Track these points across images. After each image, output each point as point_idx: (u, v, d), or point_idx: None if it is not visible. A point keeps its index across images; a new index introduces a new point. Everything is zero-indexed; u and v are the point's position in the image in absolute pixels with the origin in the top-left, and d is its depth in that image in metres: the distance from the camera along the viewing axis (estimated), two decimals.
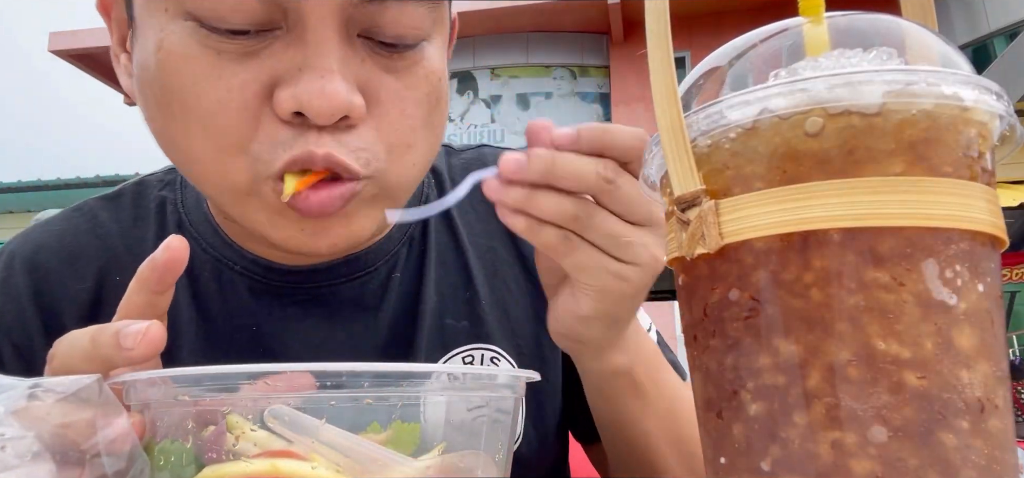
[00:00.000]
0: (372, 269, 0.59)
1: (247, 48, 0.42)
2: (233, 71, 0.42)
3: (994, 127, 0.28)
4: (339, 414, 0.35)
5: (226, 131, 0.43)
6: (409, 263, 0.61)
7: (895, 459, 0.25)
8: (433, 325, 0.59)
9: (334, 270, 0.57)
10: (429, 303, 0.59)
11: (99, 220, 0.57)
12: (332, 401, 0.35)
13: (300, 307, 0.56)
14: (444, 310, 0.60)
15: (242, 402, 0.35)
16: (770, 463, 0.27)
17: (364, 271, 0.58)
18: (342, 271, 0.57)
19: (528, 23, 8.05)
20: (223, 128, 0.43)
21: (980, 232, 0.27)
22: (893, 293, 0.25)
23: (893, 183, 0.25)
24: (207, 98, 0.42)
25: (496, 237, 0.64)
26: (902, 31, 0.30)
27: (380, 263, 0.59)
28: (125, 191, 0.59)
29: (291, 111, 0.42)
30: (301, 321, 0.56)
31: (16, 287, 0.54)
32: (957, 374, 0.25)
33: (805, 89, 0.26)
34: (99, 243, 0.56)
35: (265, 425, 0.35)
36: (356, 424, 0.35)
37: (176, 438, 0.35)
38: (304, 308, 0.56)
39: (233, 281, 0.55)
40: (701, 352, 0.30)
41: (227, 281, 0.55)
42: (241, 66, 0.42)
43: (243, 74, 0.42)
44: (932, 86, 0.26)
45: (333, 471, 0.34)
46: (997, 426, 0.26)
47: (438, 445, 0.37)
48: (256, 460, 0.34)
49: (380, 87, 0.46)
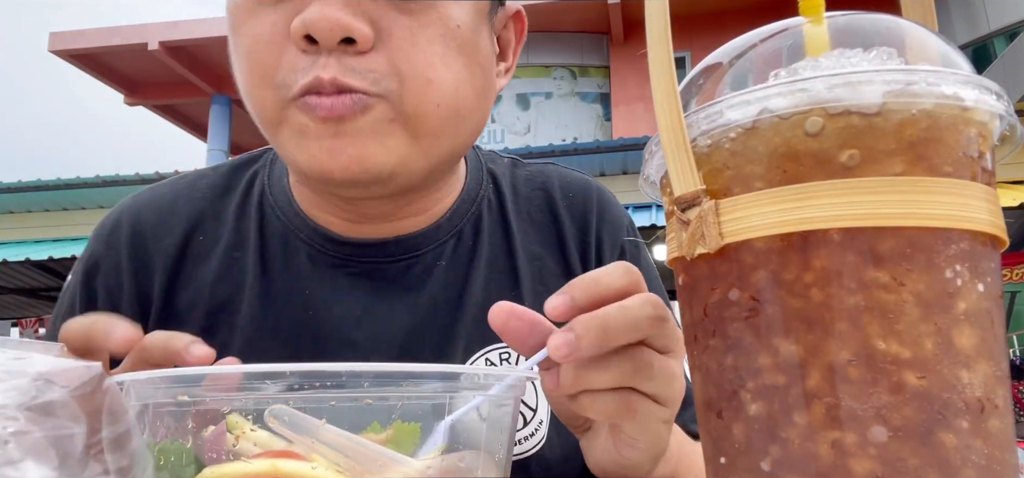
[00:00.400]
0: (419, 253, 0.62)
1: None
2: (266, 12, 0.50)
3: (994, 127, 0.28)
4: (339, 414, 0.35)
5: (259, 64, 0.50)
6: (457, 256, 0.64)
7: (895, 459, 0.25)
8: (476, 317, 0.61)
9: (384, 247, 0.61)
10: (475, 297, 0.62)
11: (196, 185, 0.65)
12: (332, 401, 0.35)
13: (349, 279, 0.61)
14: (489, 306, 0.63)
15: (241, 401, 0.35)
16: (770, 463, 0.27)
17: (409, 254, 0.62)
18: (391, 250, 0.61)
19: (528, 23, 8.03)
20: (257, 61, 0.50)
21: (980, 232, 0.27)
22: (893, 293, 0.25)
23: (893, 183, 0.25)
24: (248, 37, 0.51)
25: (546, 247, 0.67)
26: (902, 31, 0.30)
27: (428, 249, 0.62)
28: (224, 165, 0.67)
29: (301, 35, 0.48)
30: (348, 292, 0.60)
31: (118, 238, 0.63)
32: (957, 374, 0.25)
33: (805, 89, 0.26)
34: (191, 204, 0.64)
35: (265, 425, 0.35)
36: (357, 424, 0.35)
37: (176, 438, 0.35)
38: (352, 280, 0.61)
39: (297, 248, 0.61)
40: (701, 352, 0.30)
41: (292, 248, 0.61)
42: (273, 8, 0.50)
43: (273, 15, 0.50)
44: (932, 86, 0.26)
45: (333, 471, 0.34)
46: (997, 426, 0.26)
47: (438, 446, 0.37)
48: (256, 460, 0.34)
49: (393, 23, 0.49)
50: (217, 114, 9.59)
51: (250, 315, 0.60)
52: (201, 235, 0.62)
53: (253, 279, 0.61)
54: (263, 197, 0.64)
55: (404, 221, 0.62)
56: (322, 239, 0.61)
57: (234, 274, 0.61)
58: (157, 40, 8.64)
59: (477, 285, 0.62)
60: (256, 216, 0.63)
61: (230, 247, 0.62)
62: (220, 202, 0.64)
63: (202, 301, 0.61)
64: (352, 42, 0.48)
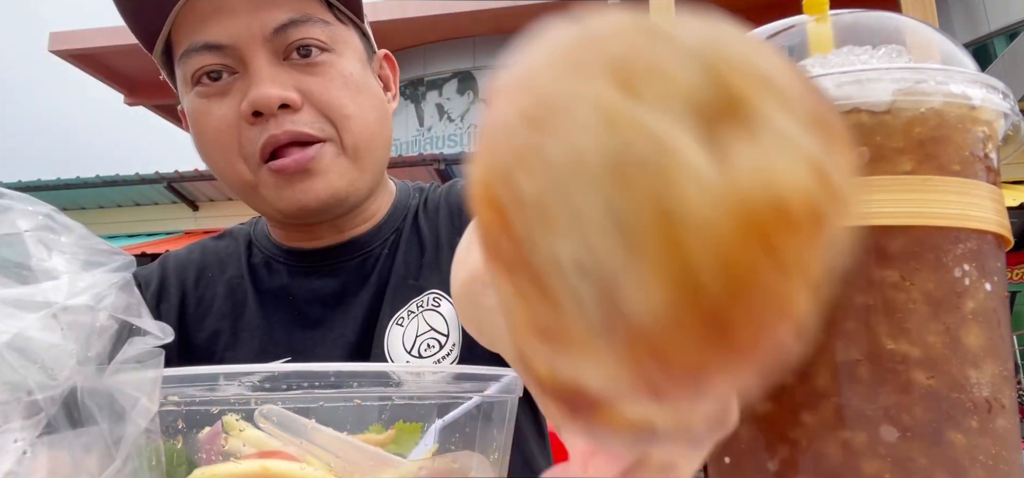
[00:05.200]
0: (368, 249, 0.79)
1: (222, 89, 0.69)
2: (217, 106, 0.69)
3: (1000, 126, 0.28)
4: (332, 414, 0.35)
5: (224, 144, 0.69)
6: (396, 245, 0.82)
7: (904, 459, 0.25)
8: (397, 286, 0.77)
9: (343, 250, 0.79)
10: (398, 272, 0.78)
11: (205, 246, 0.87)
12: (321, 401, 0.35)
13: (320, 278, 0.79)
14: (407, 275, 0.80)
15: (231, 402, 0.35)
16: (778, 463, 0.27)
17: (362, 251, 0.79)
18: (348, 251, 0.79)
19: (528, 23, 8.01)
20: (223, 143, 0.69)
21: (988, 231, 0.26)
22: (903, 292, 0.25)
23: (902, 182, 0.25)
24: (210, 127, 0.70)
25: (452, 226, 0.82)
26: (906, 29, 0.30)
27: (375, 245, 0.80)
28: (224, 233, 0.89)
29: (250, 112, 0.66)
30: (321, 289, 0.78)
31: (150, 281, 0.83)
32: (966, 373, 0.25)
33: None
34: (201, 257, 0.85)
35: (257, 426, 0.35)
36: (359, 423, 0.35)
37: (167, 438, 0.35)
38: (323, 280, 0.79)
39: (278, 268, 0.81)
40: None
41: (275, 269, 0.81)
42: (222, 102, 0.69)
43: (223, 107, 0.69)
44: (941, 84, 0.26)
45: (325, 471, 0.34)
46: (1004, 425, 0.26)
47: (430, 447, 0.37)
48: (246, 460, 0.34)
49: (310, 85, 0.68)
50: None
51: (252, 317, 0.78)
52: (209, 272, 0.83)
53: (252, 293, 0.80)
54: (251, 243, 0.86)
55: (356, 229, 0.80)
56: (296, 256, 0.80)
57: (236, 294, 0.80)
58: None
59: (399, 262, 0.79)
60: (246, 255, 0.84)
61: (231, 278, 0.82)
62: (223, 252, 0.86)
63: (212, 313, 0.79)
64: (287, 107, 0.67)
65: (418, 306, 0.77)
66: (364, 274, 0.79)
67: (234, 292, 0.81)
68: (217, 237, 0.91)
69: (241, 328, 0.78)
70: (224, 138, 0.69)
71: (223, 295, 0.81)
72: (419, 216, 0.85)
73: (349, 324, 0.76)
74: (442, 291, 0.78)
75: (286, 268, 0.81)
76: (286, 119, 0.67)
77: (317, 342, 0.74)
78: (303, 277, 0.80)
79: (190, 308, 0.81)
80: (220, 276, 0.84)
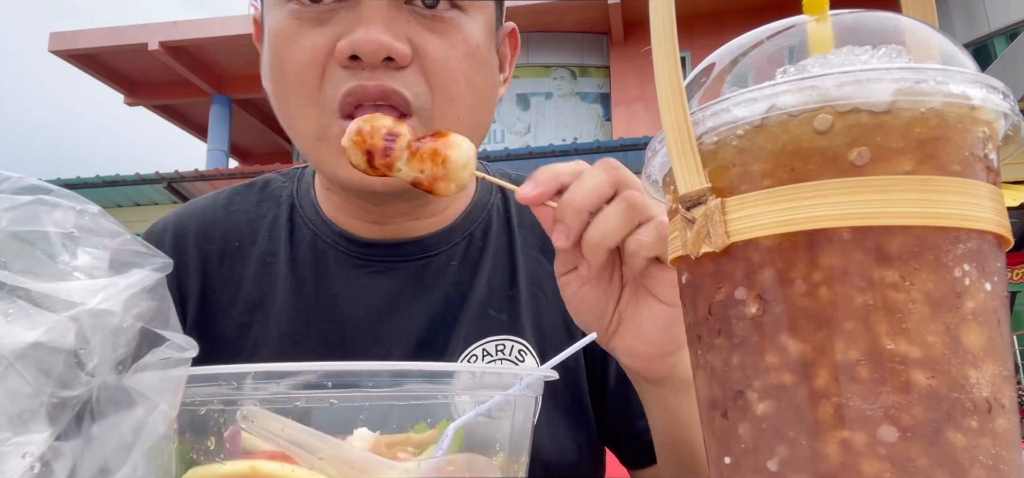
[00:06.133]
0: (433, 254, 0.68)
1: (321, 17, 0.56)
2: (309, 34, 0.56)
3: (1000, 126, 0.28)
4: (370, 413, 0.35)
5: (303, 82, 0.57)
6: (468, 257, 0.70)
7: (904, 459, 0.25)
8: (477, 313, 0.67)
9: (402, 248, 0.68)
10: (478, 293, 0.67)
11: (232, 200, 0.73)
12: (333, 400, 0.35)
13: (370, 277, 0.67)
14: (489, 301, 0.68)
15: (222, 401, 0.35)
16: (777, 463, 0.27)
17: (426, 254, 0.68)
18: (408, 251, 0.68)
19: (528, 23, 8.05)
20: (302, 79, 0.57)
21: (987, 231, 0.26)
22: (902, 292, 0.25)
23: (903, 182, 0.25)
24: (292, 57, 0.57)
25: (543, 252, 0.72)
26: (906, 29, 0.30)
27: (441, 250, 0.69)
28: (257, 183, 0.75)
29: (347, 55, 0.55)
30: (369, 289, 0.67)
31: (163, 243, 0.70)
32: (966, 373, 0.25)
33: (815, 86, 0.26)
34: (228, 215, 0.72)
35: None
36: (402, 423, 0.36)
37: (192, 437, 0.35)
38: (372, 278, 0.67)
39: (324, 251, 0.68)
40: (705, 351, 0.30)
41: (319, 250, 0.68)
42: (315, 31, 0.56)
43: (316, 36, 0.56)
44: (941, 84, 0.26)
45: (316, 473, 0.34)
46: (1004, 426, 0.26)
47: (427, 449, 0.37)
48: (232, 462, 0.34)
49: (425, 41, 0.57)
50: (217, 114, 9.58)
51: (283, 313, 0.66)
52: (236, 242, 0.70)
53: (285, 281, 0.67)
54: (293, 209, 0.71)
55: (419, 223, 0.68)
56: (346, 242, 0.68)
57: (268, 277, 0.68)
58: (157, 40, 8.63)
59: (481, 282, 0.68)
60: (287, 225, 0.70)
61: (264, 253, 0.69)
62: (254, 213, 0.72)
63: (240, 299, 0.67)
64: (391, 60, 0.55)
65: (498, 349, 0.65)
66: (424, 281, 0.67)
67: (266, 272, 0.68)
68: (247, 187, 0.75)
69: (268, 336, 0.65)
70: (305, 74, 0.56)
71: (253, 277, 0.68)
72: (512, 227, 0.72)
73: (400, 342, 0.65)
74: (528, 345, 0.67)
75: (334, 253, 0.68)
76: (384, 73, 0.55)
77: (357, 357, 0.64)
78: (352, 270, 0.67)
79: (215, 292, 0.68)
80: (251, 248, 0.69)
